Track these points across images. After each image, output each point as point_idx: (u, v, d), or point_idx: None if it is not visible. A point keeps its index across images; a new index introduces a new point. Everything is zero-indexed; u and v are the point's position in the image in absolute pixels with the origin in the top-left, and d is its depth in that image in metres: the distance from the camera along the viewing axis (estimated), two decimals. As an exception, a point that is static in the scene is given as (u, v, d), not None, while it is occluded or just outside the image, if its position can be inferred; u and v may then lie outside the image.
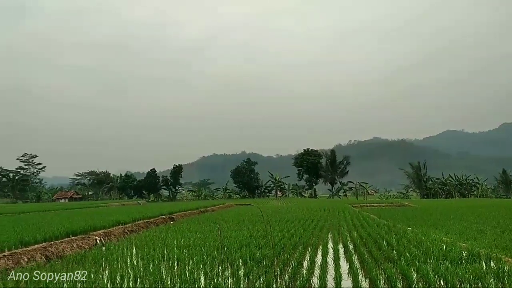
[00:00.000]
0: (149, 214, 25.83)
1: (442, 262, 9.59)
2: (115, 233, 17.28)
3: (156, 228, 20.25)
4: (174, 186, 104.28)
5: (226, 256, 10.70)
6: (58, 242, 13.36)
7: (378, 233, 15.41)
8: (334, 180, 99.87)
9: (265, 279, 8.19)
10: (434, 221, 20.50)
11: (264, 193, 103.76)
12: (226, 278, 8.44)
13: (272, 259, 10.17)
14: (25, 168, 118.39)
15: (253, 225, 19.53)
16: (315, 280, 8.35)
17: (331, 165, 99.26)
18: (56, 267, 9.94)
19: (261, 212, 18.38)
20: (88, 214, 28.16)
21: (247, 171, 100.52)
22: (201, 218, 26.28)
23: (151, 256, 11.13)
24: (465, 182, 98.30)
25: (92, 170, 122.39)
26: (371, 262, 9.64)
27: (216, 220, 22.96)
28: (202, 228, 18.55)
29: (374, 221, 21.42)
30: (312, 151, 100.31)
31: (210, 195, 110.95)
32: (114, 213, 27.64)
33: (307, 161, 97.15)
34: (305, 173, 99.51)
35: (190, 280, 8.21)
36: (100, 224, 18.41)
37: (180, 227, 19.77)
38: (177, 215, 28.85)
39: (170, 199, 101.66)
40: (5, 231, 15.91)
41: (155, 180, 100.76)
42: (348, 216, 25.06)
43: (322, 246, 12.75)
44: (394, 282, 7.65)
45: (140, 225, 20.99)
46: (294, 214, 26.92)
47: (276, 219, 22.94)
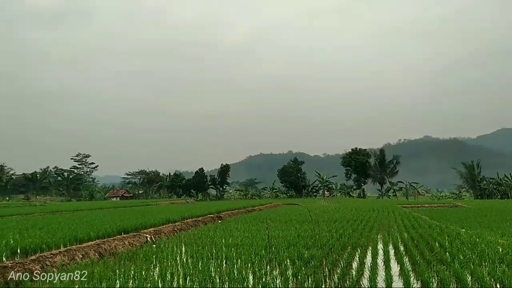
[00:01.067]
0: (198, 212, 26.37)
1: (498, 265, 9.10)
2: (165, 231, 17.80)
3: (205, 227, 20.63)
4: (222, 185, 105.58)
5: (274, 256, 10.70)
6: (111, 240, 13.93)
7: (430, 234, 14.83)
8: (383, 180, 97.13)
9: (314, 279, 8.12)
10: (489, 223, 19.44)
11: (311, 192, 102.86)
12: (274, 278, 8.45)
13: (320, 260, 10.07)
14: (78, 167, 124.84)
15: (300, 224, 19.42)
16: (365, 281, 8.17)
17: (380, 165, 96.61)
18: (109, 264, 10.40)
19: (309, 212, 18.24)
20: (139, 212, 29.22)
21: (294, 170, 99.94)
22: (249, 217, 26.45)
23: (200, 254, 11.35)
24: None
25: (142, 170, 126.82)
26: (423, 264, 9.29)
27: (263, 219, 23.04)
28: (249, 227, 18.66)
29: (426, 222, 20.62)
30: (361, 150, 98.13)
31: (257, 194, 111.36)
32: (163, 212, 28.50)
33: (355, 161, 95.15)
34: (353, 172, 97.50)
35: (239, 279, 8.29)
36: (151, 222, 19.05)
37: (228, 226, 20.02)
38: (225, 214, 29.24)
39: (218, 198, 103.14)
40: (60, 228, 16.79)
41: (203, 179, 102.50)
42: (398, 217, 24.29)
43: (371, 247, 12.47)
44: (447, 285, 7.37)
45: (189, 224, 21.49)
46: (342, 214, 26.47)
47: (323, 219, 22.66)
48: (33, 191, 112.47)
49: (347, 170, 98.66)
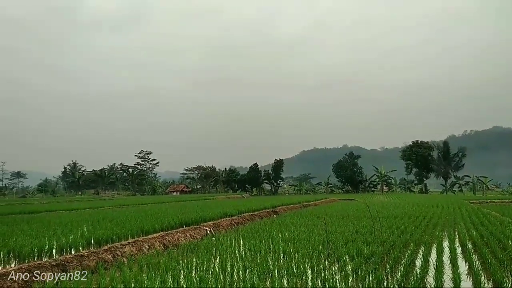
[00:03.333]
0: (253, 207, 26.63)
1: None
2: (223, 225, 18.15)
3: (261, 221, 20.77)
4: (276, 180, 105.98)
5: (332, 251, 10.53)
6: (174, 232, 14.45)
7: (501, 232, 13.84)
8: (447, 174, 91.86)
9: (375, 276, 7.87)
10: None
11: (368, 187, 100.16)
12: (333, 273, 8.30)
13: (381, 256, 9.76)
14: (141, 163, 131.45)
15: (358, 220, 18.96)
16: (430, 279, 7.81)
17: (444, 158, 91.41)
18: (173, 255, 10.78)
19: (368, 207, 17.75)
20: (198, 206, 30.06)
21: (349, 164, 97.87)
22: (304, 212, 26.29)
23: (258, 247, 11.43)
24: None
25: (199, 165, 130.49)
26: (495, 263, 8.70)
27: (319, 214, 22.79)
28: (305, 222, 18.54)
29: (497, 218, 19.30)
30: (422, 143, 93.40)
31: (312, 189, 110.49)
32: (221, 206, 29.09)
33: (416, 154, 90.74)
34: (414, 166, 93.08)
35: (298, 272, 8.25)
36: (209, 215, 19.53)
37: (283, 220, 20.01)
38: (280, 208, 29.27)
39: (272, 193, 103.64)
40: (128, 220, 17.72)
41: (257, 174, 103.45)
42: (465, 213, 22.96)
43: (436, 244, 11.90)
44: (524, 286, 6.80)
45: (246, 218, 21.74)
46: (403, 210, 25.50)
47: (383, 215, 21.94)
48: (102, 186, 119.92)
49: (407, 164, 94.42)
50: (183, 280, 7.69)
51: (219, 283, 7.29)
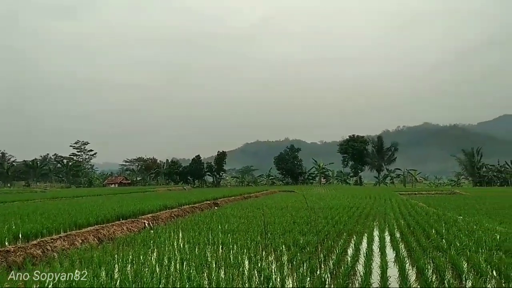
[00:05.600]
0: (194, 199, 26.45)
1: (496, 252, 9.16)
2: (162, 217, 17.88)
3: (201, 213, 20.73)
4: (218, 173, 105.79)
5: (270, 242, 10.77)
6: (109, 225, 14.01)
7: (426, 221, 14.93)
8: (380, 167, 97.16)
9: (309, 265, 8.16)
10: (487, 210, 19.58)
11: (307, 180, 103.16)
12: (269, 263, 8.50)
13: (315, 246, 10.13)
14: (77, 154, 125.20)
15: (296, 211, 19.51)
16: (360, 267, 8.22)
17: (377, 152, 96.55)
18: (107, 249, 10.46)
19: (305, 199, 18.32)
20: (137, 199, 29.31)
21: (290, 157, 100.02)
22: (245, 204, 26.58)
23: (197, 240, 11.41)
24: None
25: (140, 157, 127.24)
26: (419, 251, 9.36)
27: (260, 206, 23.15)
28: (245, 214, 18.77)
29: (423, 209, 20.74)
30: (358, 137, 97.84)
31: (253, 181, 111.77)
32: (161, 198, 28.59)
33: (352, 148, 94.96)
34: (350, 160, 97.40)
35: (235, 263, 8.35)
36: (148, 208, 19.12)
37: (224, 212, 20.11)
38: (221, 200, 29.35)
39: (214, 185, 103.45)
40: (60, 214, 16.87)
41: (200, 166, 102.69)
42: (395, 204, 24.43)
43: (367, 233, 12.54)
44: (443, 272, 7.39)
45: (186, 210, 21.57)
46: (339, 201, 26.59)
47: (319, 206, 22.78)
48: (34, 178, 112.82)
49: (344, 157, 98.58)
50: (117, 274, 7.50)
51: (155, 276, 7.19)
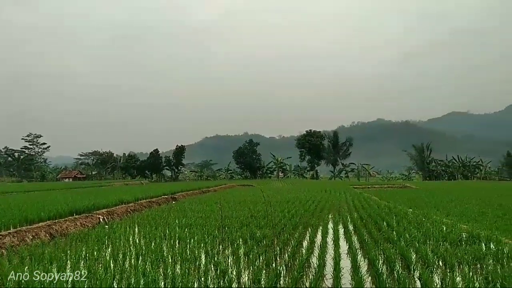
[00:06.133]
0: (152, 193, 26.03)
1: (442, 243, 9.66)
2: (118, 212, 17.48)
3: (159, 208, 20.44)
4: (177, 167, 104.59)
5: (227, 235, 10.81)
6: (62, 221, 13.53)
7: (378, 214, 15.50)
8: (336, 162, 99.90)
9: (265, 258, 8.28)
10: (435, 203, 20.59)
11: (266, 174, 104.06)
12: (226, 257, 8.55)
13: (272, 239, 10.28)
14: (30, 147, 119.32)
15: (254, 205, 19.66)
16: (314, 259, 8.43)
17: (333, 147, 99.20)
18: (60, 245, 10.11)
19: (262, 193, 18.50)
20: (92, 193, 28.43)
21: (249, 152, 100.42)
22: (203, 198, 26.48)
23: (153, 234, 11.26)
24: (469, 164, 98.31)
25: (95, 150, 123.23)
26: (371, 243, 9.72)
27: (218, 200, 23.12)
28: (203, 208, 18.70)
29: (375, 202, 21.51)
30: (315, 133, 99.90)
31: (212, 175, 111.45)
32: (117, 193, 27.87)
33: (309, 143, 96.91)
34: (307, 154, 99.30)
35: (191, 258, 8.33)
36: (104, 203, 18.60)
37: (182, 206, 19.95)
38: (179, 195, 29.08)
39: (173, 179, 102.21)
40: (10, 209, 16.07)
41: (158, 160, 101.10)
42: (349, 198, 25.17)
43: (322, 226, 12.84)
44: (392, 263, 7.71)
45: (143, 205, 21.20)
46: (295, 195, 27.05)
47: (277, 199, 23.07)
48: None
49: (301, 152, 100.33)
50: (69, 271, 7.27)
51: (109, 272, 7.04)
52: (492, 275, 6.51)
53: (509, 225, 12.36)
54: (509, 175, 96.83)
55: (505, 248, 8.52)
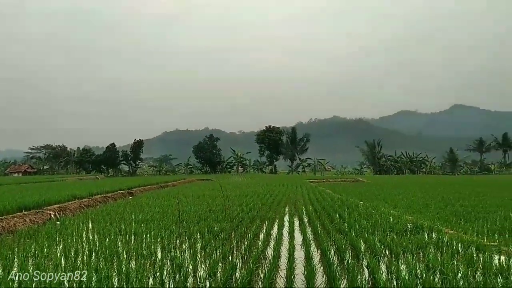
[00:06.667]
0: (107, 188, 25.43)
1: (389, 233, 10.18)
2: (70, 208, 16.98)
3: (114, 203, 20.04)
4: (134, 161, 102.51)
5: (184, 230, 10.82)
6: (10, 217, 12.99)
7: (331, 206, 16.03)
8: (293, 157, 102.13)
9: (222, 251, 8.39)
10: (384, 196, 21.52)
11: (225, 168, 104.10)
12: (183, 251, 8.58)
13: (229, 232, 10.41)
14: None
15: (212, 199, 19.70)
16: (269, 251, 8.63)
17: (291, 142, 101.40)
18: (6, 242, 9.74)
19: (221, 187, 18.59)
20: (43, 188, 27.33)
21: (209, 146, 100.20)
22: (161, 193, 26.18)
23: (108, 230, 11.07)
24: (415, 160, 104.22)
25: (48, 144, 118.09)
26: (324, 234, 10.08)
27: (176, 194, 22.95)
28: (161, 203, 18.52)
29: (329, 195, 22.17)
30: (274, 128, 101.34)
31: (172, 170, 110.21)
32: (70, 188, 26.98)
33: (268, 138, 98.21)
34: (267, 149, 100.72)
35: (147, 253, 8.28)
36: (55, 198, 17.96)
37: (139, 201, 19.65)
38: (136, 190, 28.59)
39: (130, 174, 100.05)
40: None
41: (115, 154, 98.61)
42: (305, 191, 25.76)
43: (278, 219, 13.12)
44: (343, 253, 8.04)
45: (98, 200, 20.69)
46: (254, 189, 27.32)
47: (236, 194, 23.22)
48: None
49: (260, 147, 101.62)
50: (16, 269, 7.05)
51: (59, 269, 6.90)
52: (432, 262, 6.96)
53: (449, 216, 13.18)
54: (451, 170, 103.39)
55: (444, 237, 9.12)
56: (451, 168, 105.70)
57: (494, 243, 8.75)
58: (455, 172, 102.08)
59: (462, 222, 11.94)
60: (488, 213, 13.58)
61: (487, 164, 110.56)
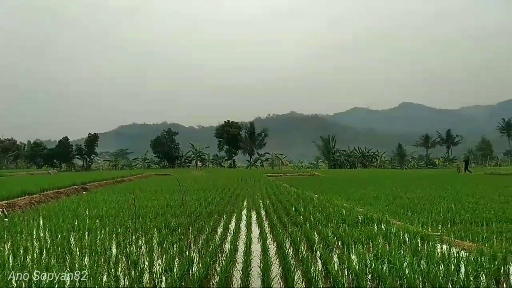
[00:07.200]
0: (60, 184, 24.51)
1: (341, 225, 10.57)
2: (20, 204, 16.30)
3: (67, 199, 19.43)
4: (89, 156, 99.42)
5: (141, 226, 10.71)
6: (-48, 215, 12.30)
7: (288, 200, 16.36)
8: (252, 151, 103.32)
9: (179, 246, 8.40)
10: (338, 189, 22.16)
11: (184, 163, 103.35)
12: (139, 247, 8.52)
13: (187, 227, 10.42)
14: None
15: (170, 194, 19.54)
16: (227, 245, 8.74)
17: (250, 137, 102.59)
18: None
19: (178, 182, 18.42)
20: (-11, 185, 25.95)
21: (167, 141, 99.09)
22: (117, 188, 25.63)
23: (60, 227, 10.75)
24: (367, 154, 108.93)
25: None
26: (280, 227, 10.32)
27: (132, 189, 22.57)
28: (117, 198, 18.15)
29: (286, 189, 22.58)
30: (233, 123, 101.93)
31: (128, 165, 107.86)
32: (20, 183, 25.76)
33: (227, 133, 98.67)
34: (225, 144, 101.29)
35: (101, 250, 8.16)
36: (3, 194, 17.15)
37: (93, 197, 19.16)
38: (91, 185, 27.81)
39: (85, 168, 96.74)
40: None
41: (68, 149, 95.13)
42: (263, 185, 26.07)
43: (236, 213, 13.24)
44: (298, 245, 8.28)
45: (49, 196, 19.95)
46: (212, 184, 27.32)
47: (194, 188, 23.15)
48: None
49: (219, 141, 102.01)
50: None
51: (7, 267, 6.67)
52: (381, 252, 7.32)
53: (397, 207, 13.81)
54: (400, 164, 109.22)
55: (392, 228, 9.60)
56: (399, 162, 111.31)
57: (437, 233, 9.28)
58: (403, 166, 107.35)
59: (409, 214, 12.55)
60: (432, 205, 14.34)
61: (433, 159, 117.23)
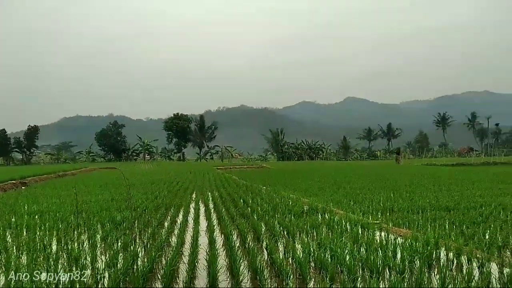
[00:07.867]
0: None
1: (287, 215, 10.84)
2: (-51, 202, 15.15)
3: (4, 194, 18.35)
4: (29, 149, 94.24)
5: (83, 221, 10.36)
6: None
7: (236, 192, 16.48)
8: (202, 144, 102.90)
9: (123, 241, 8.24)
10: (285, 181, 22.63)
11: (131, 156, 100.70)
12: (81, 243, 8.26)
13: (133, 221, 10.22)
14: None
15: (116, 188, 19.03)
16: (174, 238, 8.67)
17: (199, 130, 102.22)
18: None
19: (123, 175, 18.02)
20: None
21: (113, 133, 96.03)
22: (59, 183, 24.54)
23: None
24: (314, 147, 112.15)
25: None
26: (228, 219, 10.40)
27: (75, 184, 21.70)
28: (58, 193, 17.40)
29: (235, 181, 22.72)
30: (182, 116, 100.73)
31: (72, 158, 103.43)
32: None
33: (176, 126, 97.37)
34: (175, 137, 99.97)
35: (40, 247, 7.83)
36: None
37: (33, 192, 18.26)
38: (31, 179, 26.44)
39: (24, 162, 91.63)
40: None
41: (6, 142, 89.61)
42: (212, 178, 26.04)
43: (184, 206, 13.14)
44: (245, 236, 8.39)
45: (-17, 192, 18.75)
46: (161, 177, 26.91)
47: (141, 182, 22.70)
48: None
49: (168, 134, 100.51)
50: None
51: None
52: (324, 240, 7.62)
53: (341, 197, 14.39)
54: (344, 156, 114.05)
55: (335, 217, 10.02)
56: (344, 154, 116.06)
57: (377, 221, 9.78)
58: (347, 158, 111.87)
59: (352, 203, 13.11)
60: (373, 194, 15.09)
61: (374, 151, 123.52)
